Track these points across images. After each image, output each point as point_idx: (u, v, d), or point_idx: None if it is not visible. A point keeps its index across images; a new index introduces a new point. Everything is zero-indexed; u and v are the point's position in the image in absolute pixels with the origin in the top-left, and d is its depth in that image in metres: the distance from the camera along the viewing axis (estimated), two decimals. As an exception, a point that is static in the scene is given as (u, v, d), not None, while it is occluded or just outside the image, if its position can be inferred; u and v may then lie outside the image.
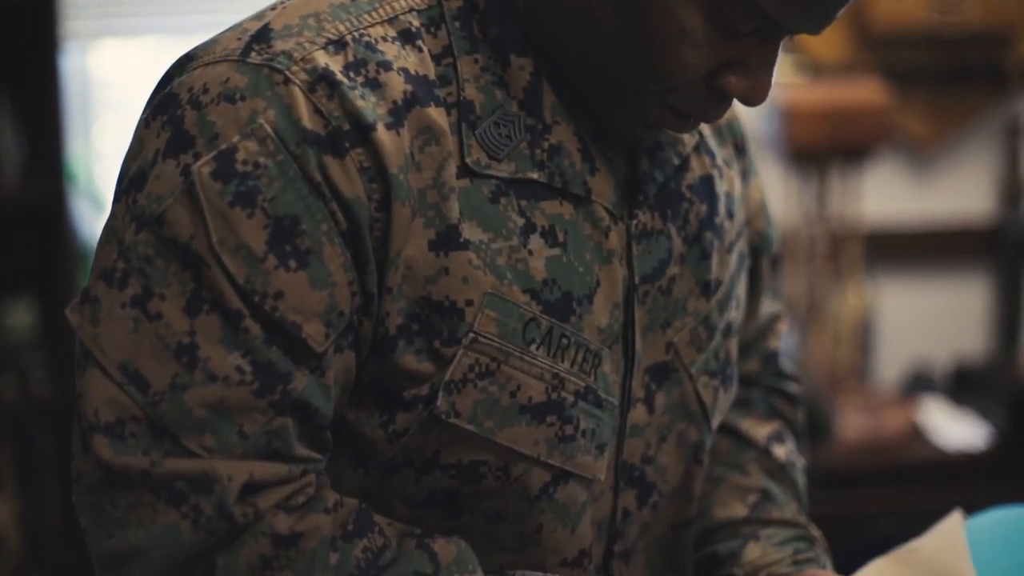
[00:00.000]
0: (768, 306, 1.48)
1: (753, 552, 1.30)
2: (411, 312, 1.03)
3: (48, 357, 3.06)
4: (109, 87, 3.52)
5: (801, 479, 1.41)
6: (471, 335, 1.04)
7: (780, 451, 1.39)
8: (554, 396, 1.08)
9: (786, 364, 1.49)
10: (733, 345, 1.29)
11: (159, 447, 0.97)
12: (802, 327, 3.35)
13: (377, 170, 1.01)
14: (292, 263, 0.99)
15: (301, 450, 1.00)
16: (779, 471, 1.38)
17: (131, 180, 1.03)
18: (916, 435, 3.29)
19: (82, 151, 3.43)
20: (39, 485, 3.06)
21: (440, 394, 1.04)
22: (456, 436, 1.05)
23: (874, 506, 3.19)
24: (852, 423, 3.24)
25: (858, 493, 3.18)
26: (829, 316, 3.34)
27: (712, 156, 1.25)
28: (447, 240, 1.03)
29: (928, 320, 3.66)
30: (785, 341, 3.17)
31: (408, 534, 1.05)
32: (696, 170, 1.22)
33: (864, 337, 3.44)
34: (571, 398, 1.09)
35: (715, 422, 1.25)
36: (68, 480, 1.03)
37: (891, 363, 3.64)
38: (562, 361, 1.08)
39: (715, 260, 1.23)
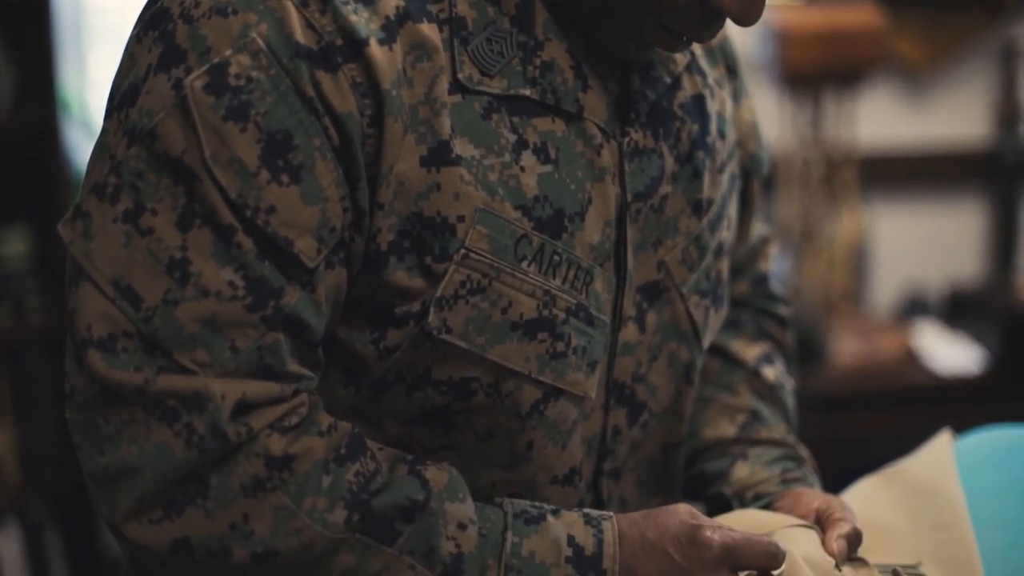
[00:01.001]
0: (758, 229, 1.48)
1: (741, 471, 1.31)
2: (402, 228, 1.03)
3: (43, 286, 3.06)
4: (103, 14, 3.50)
5: (790, 400, 1.42)
6: (462, 251, 1.04)
7: (769, 372, 1.40)
8: (545, 313, 1.08)
9: (776, 287, 1.49)
10: (724, 265, 1.29)
11: (152, 362, 0.97)
12: (797, 252, 3.36)
13: (370, 85, 1.01)
14: (284, 178, 0.99)
15: (293, 366, 1.01)
16: (768, 392, 1.39)
17: (123, 96, 1.03)
18: (910, 359, 3.30)
19: (76, 79, 3.42)
20: (36, 413, 3.07)
21: (431, 310, 1.04)
22: (447, 352, 1.05)
23: (868, 430, 3.21)
24: (846, 347, 3.25)
25: (852, 417, 3.19)
26: (824, 240, 3.34)
27: (704, 76, 1.25)
28: (439, 156, 1.03)
29: (923, 244, 3.66)
30: (778, 265, 3.19)
31: (400, 460, 1.05)
32: (688, 89, 1.22)
33: (859, 261, 3.44)
34: (562, 315, 1.09)
35: (706, 342, 1.25)
36: (64, 407, 1.03)
37: (886, 287, 3.65)
38: (553, 278, 1.09)
39: (707, 179, 1.23)
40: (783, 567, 1.11)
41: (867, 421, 3.20)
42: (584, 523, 1.05)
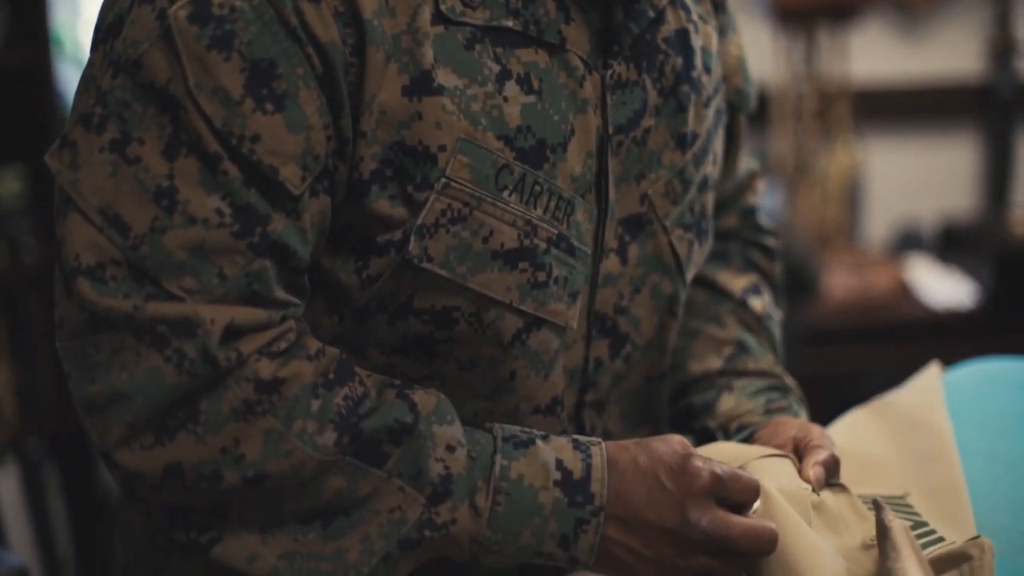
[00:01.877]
0: (746, 163, 1.48)
1: (727, 403, 1.33)
2: (385, 157, 1.04)
3: (37, 224, 3.06)
4: (93, -49, 3.48)
5: (777, 331, 1.42)
6: (443, 180, 1.05)
7: (757, 303, 1.41)
8: (526, 242, 1.09)
9: (763, 219, 1.50)
10: (709, 199, 1.29)
11: (140, 290, 0.98)
12: (790, 186, 3.36)
13: (351, 15, 1.01)
14: (269, 106, 0.99)
15: (280, 293, 1.02)
16: (755, 323, 1.39)
17: (108, 28, 1.03)
18: (903, 293, 3.31)
19: (68, 17, 3.40)
20: (32, 352, 3.08)
21: (412, 239, 1.05)
22: (429, 281, 1.06)
23: (861, 363, 3.22)
24: (840, 281, 3.26)
25: (845, 351, 3.21)
26: (817, 175, 3.34)
27: (687, 10, 1.25)
28: (421, 85, 1.04)
29: (916, 179, 3.66)
30: (771, 199, 3.18)
31: (388, 384, 1.06)
32: (671, 23, 1.22)
33: (852, 196, 3.44)
34: (544, 245, 1.10)
35: (689, 275, 1.26)
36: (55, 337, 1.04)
37: (879, 222, 3.65)
38: (535, 208, 1.09)
39: (691, 113, 1.23)
40: (756, 503, 1.12)
41: (860, 355, 3.21)
42: (573, 448, 1.07)
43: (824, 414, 1.53)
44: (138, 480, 0.99)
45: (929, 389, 1.52)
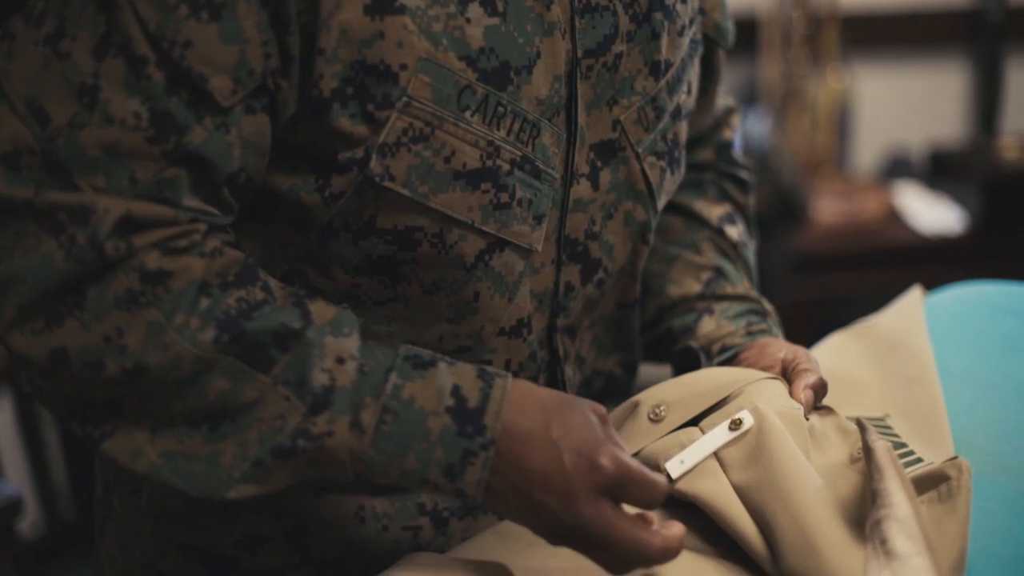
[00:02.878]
0: (723, 99, 1.49)
1: (707, 325, 1.34)
2: (346, 76, 1.04)
3: None
4: None
5: (752, 259, 1.44)
6: (404, 99, 1.05)
7: (732, 231, 1.42)
8: (489, 163, 1.09)
9: (738, 154, 1.51)
10: (682, 129, 1.30)
11: (52, 182, 0.99)
12: (779, 113, 3.36)
13: None
14: (204, 14, 0.99)
15: (192, 202, 1.02)
16: (732, 250, 1.41)
17: None
18: (892, 219, 3.32)
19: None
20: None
21: (374, 157, 1.05)
22: (391, 201, 1.07)
23: (850, 289, 3.23)
24: (829, 207, 3.26)
25: (834, 276, 3.22)
26: (806, 102, 3.34)
27: None
28: (382, 5, 1.04)
29: (905, 105, 3.66)
30: (758, 125, 3.18)
31: (292, 293, 1.05)
32: None
33: (841, 122, 3.44)
34: (507, 166, 1.11)
35: (661, 203, 1.26)
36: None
37: (868, 149, 3.65)
38: (498, 129, 1.10)
39: (665, 41, 1.23)
40: (737, 431, 1.15)
41: (849, 280, 3.22)
42: (476, 376, 1.02)
43: (813, 339, 1.54)
44: (28, 365, 1.00)
45: (910, 313, 1.54)
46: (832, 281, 3.21)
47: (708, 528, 1.13)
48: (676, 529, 1.00)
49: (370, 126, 1.05)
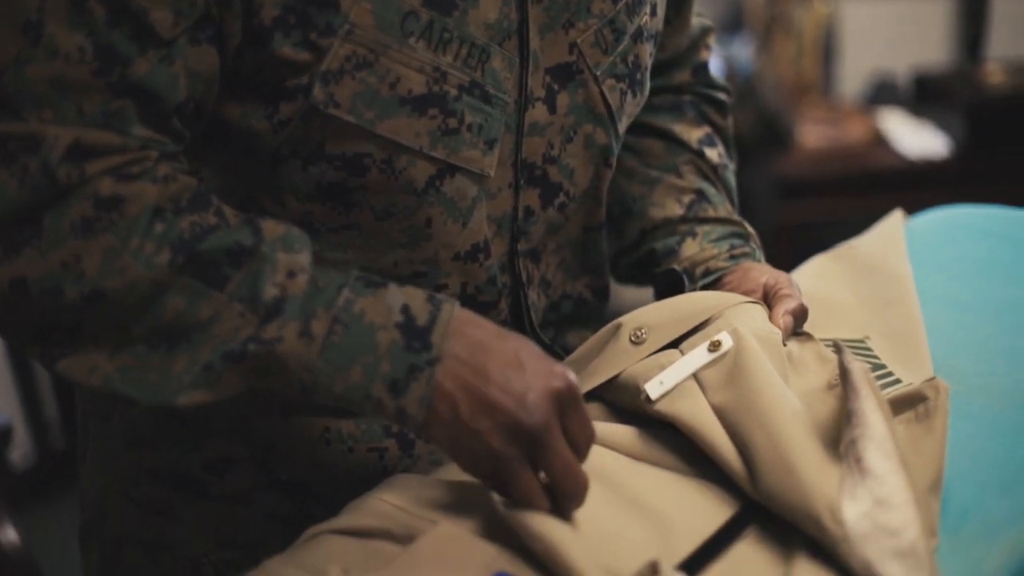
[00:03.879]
0: (698, 20, 1.49)
1: (690, 248, 1.35)
2: (287, 4, 1.04)
3: None
4: None
5: (732, 181, 1.44)
6: (347, 26, 1.05)
7: (712, 153, 1.42)
8: (435, 89, 1.09)
9: (715, 75, 1.51)
10: (645, 51, 1.29)
11: (1, 117, 0.99)
12: (764, 38, 3.35)
13: None
14: None
15: (141, 131, 1.02)
16: (712, 172, 1.41)
17: None
18: (877, 143, 3.32)
19: None
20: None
21: (316, 84, 1.05)
22: (338, 127, 1.07)
23: (835, 214, 3.24)
24: (814, 132, 3.27)
25: (820, 201, 3.23)
26: (791, 27, 3.33)
27: None
28: None
29: (890, 31, 3.65)
30: (743, 51, 3.18)
31: (243, 215, 1.06)
32: None
33: (826, 48, 3.44)
34: (454, 91, 1.10)
35: (622, 126, 1.26)
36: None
37: (853, 74, 3.65)
38: (444, 55, 1.09)
39: None
40: (716, 352, 1.16)
41: (834, 205, 3.23)
42: (426, 299, 1.04)
43: (799, 264, 1.55)
44: None
45: (891, 235, 1.54)
46: (817, 206, 3.22)
47: (687, 449, 1.14)
48: None
49: (313, 54, 1.05)
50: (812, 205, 3.21)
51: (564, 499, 1.01)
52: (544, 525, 0.99)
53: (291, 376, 1.02)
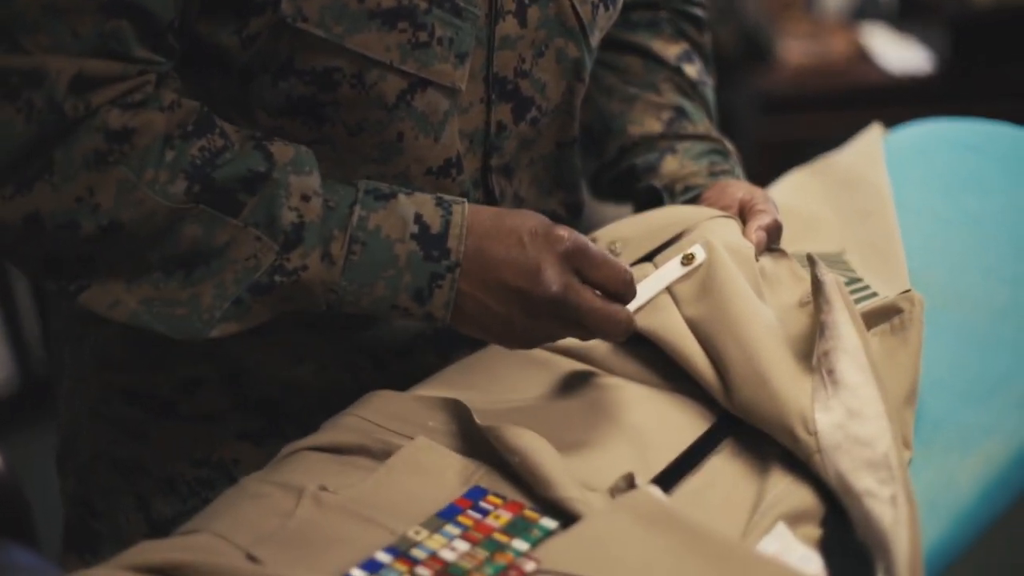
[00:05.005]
0: None
1: (670, 164, 1.34)
2: None
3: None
4: None
5: (712, 97, 1.43)
6: None
7: (691, 70, 1.41)
8: (405, 2, 1.08)
9: None
10: None
11: None
12: (747, -46, 3.33)
13: None
14: None
15: (140, 52, 1.02)
16: (691, 88, 1.40)
17: None
18: (861, 59, 3.31)
19: None
20: None
21: None
22: (307, 42, 1.06)
23: (819, 130, 3.23)
24: (797, 48, 3.26)
25: (803, 117, 3.22)
26: (774, -58, 3.31)
27: None
28: None
29: (874, -56, 3.63)
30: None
31: (249, 137, 1.07)
32: None
33: (809, -38, 3.42)
34: (424, 4, 1.09)
35: (594, 40, 1.24)
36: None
37: (836, -11, 3.63)
38: None
39: None
40: (690, 265, 1.16)
41: (817, 121, 3.23)
42: (435, 204, 1.07)
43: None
44: (3, 230, 1.01)
45: (869, 150, 1.54)
46: (800, 122, 3.21)
47: (663, 364, 1.14)
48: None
49: None
50: (794, 121, 3.20)
51: (609, 341, 1.10)
52: (520, 439, 1.00)
53: (316, 299, 1.06)
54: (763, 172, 1.80)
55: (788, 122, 3.18)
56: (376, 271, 1.05)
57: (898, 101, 3.19)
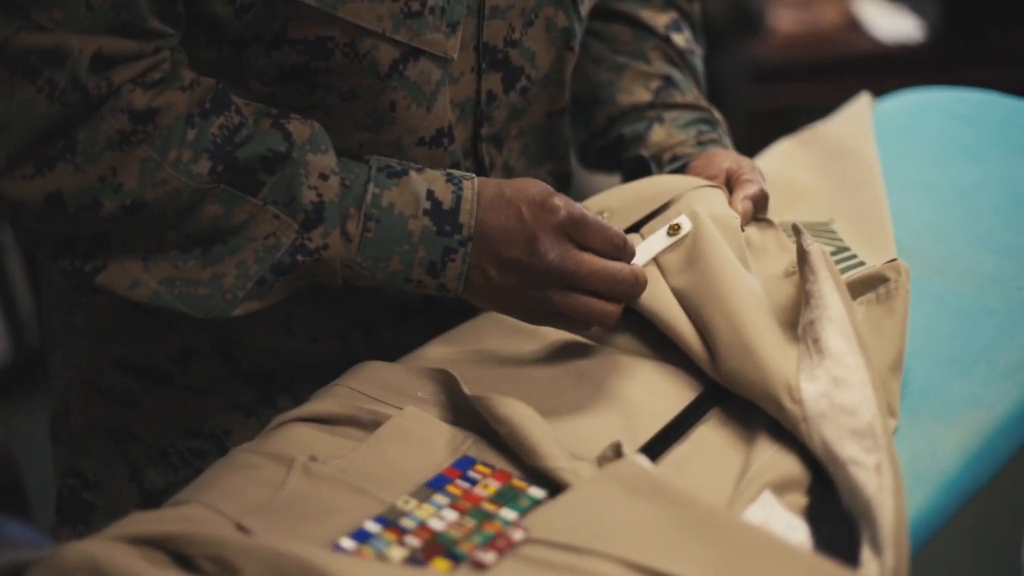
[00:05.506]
0: None
1: (658, 134, 1.34)
2: None
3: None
4: None
5: (700, 66, 1.43)
6: None
7: (679, 39, 1.41)
8: None
9: None
10: None
11: (11, 23, 0.98)
12: (738, -78, 3.32)
13: None
14: None
15: (153, 23, 1.02)
16: (679, 57, 1.40)
17: None
18: (852, 27, 3.31)
19: None
20: None
21: None
22: (299, 11, 1.06)
23: (809, 99, 3.22)
24: (787, 16, 3.25)
25: (794, 86, 3.22)
26: (764, -91, 3.30)
27: None
28: None
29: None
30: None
31: (265, 113, 1.08)
32: None
33: (800, -70, 3.41)
34: None
35: (584, 8, 1.25)
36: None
37: (827, -44, 3.62)
38: None
39: None
40: (676, 236, 1.16)
41: (808, 90, 3.22)
42: (445, 180, 1.10)
43: (771, 150, 1.55)
44: (22, 210, 1.02)
45: (857, 119, 1.54)
46: (791, 91, 3.21)
47: (650, 333, 1.15)
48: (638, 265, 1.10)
49: None
50: (785, 91, 3.19)
51: (622, 301, 1.10)
52: (509, 409, 1.01)
53: (335, 275, 1.09)
54: (754, 140, 1.81)
55: (779, 91, 3.18)
56: (391, 247, 1.08)
57: (889, 69, 3.19)
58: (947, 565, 2.18)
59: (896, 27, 3.26)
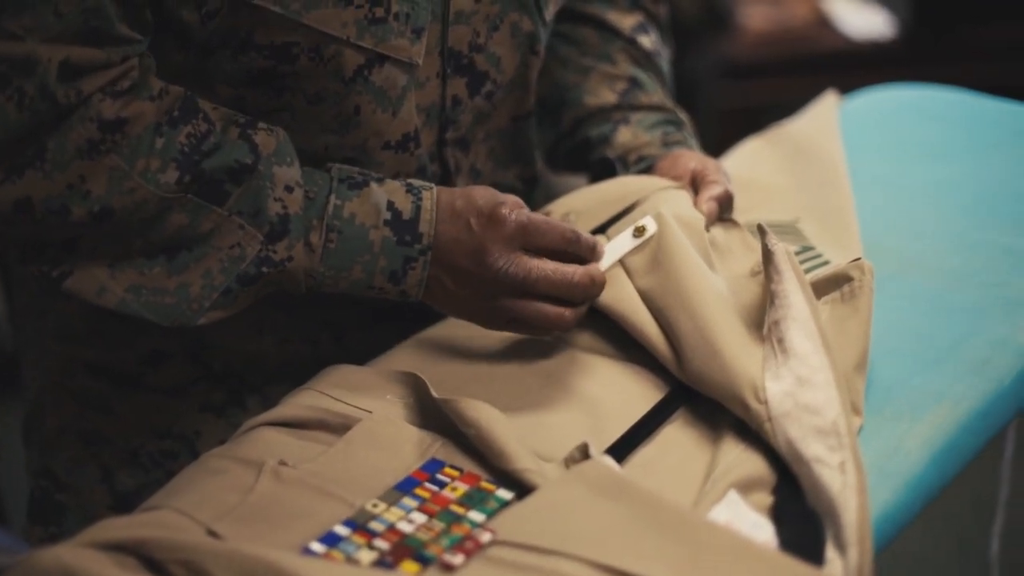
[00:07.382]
0: None
1: (624, 135, 1.35)
2: None
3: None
4: None
5: (667, 68, 1.44)
6: None
7: (645, 40, 1.42)
8: None
9: None
10: None
11: None
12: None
13: None
14: None
15: (122, 29, 1.03)
16: (645, 59, 1.41)
17: None
18: (822, 23, 3.31)
19: None
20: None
21: None
22: (264, 18, 1.07)
23: (780, 96, 3.23)
24: (757, 13, 3.26)
25: (764, 84, 3.22)
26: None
27: None
28: None
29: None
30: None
31: (232, 122, 1.09)
32: None
33: (770, -74, 3.42)
34: None
35: (548, 14, 1.25)
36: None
37: (798, -47, 3.63)
38: None
39: None
40: (641, 237, 1.16)
41: (779, 87, 3.23)
42: (405, 191, 1.11)
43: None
44: None
45: (824, 117, 1.55)
46: (762, 89, 3.21)
47: (617, 334, 1.15)
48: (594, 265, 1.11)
49: None
50: (756, 88, 3.20)
51: (581, 303, 1.11)
52: (476, 412, 1.02)
53: (298, 284, 1.10)
54: (725, 138, 1.81)
55: (750, 88, 3.18)
56: (353, 256, 1.09)
57: (860, 66, 3.19)
58: (915, 562, 2.19)
59: (866, 23, 3.27)
